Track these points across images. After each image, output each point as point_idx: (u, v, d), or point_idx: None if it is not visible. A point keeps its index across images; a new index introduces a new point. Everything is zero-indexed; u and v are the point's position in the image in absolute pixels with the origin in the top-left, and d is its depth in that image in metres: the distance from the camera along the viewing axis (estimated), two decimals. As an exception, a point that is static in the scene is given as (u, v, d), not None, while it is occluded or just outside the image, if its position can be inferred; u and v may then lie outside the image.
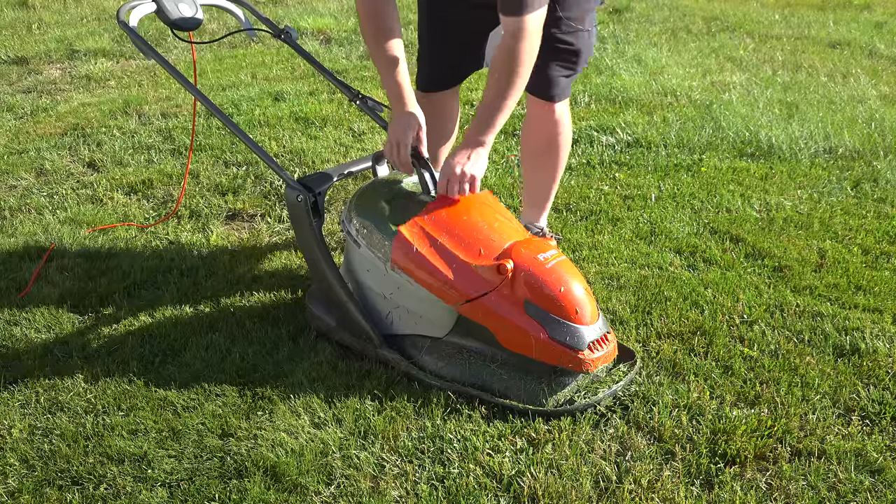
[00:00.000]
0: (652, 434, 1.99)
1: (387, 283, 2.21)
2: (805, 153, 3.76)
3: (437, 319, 2.17)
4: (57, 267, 2.83)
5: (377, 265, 2.20)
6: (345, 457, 1.93)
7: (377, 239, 2.19)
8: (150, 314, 2.54)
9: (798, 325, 2.42)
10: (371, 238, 2.21)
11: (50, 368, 2.30)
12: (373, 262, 2.21)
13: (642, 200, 3.30)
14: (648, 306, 2.52)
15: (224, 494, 1.84)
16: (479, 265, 2.07)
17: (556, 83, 2.58)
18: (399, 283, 2.17)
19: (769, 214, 3.17)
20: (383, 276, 2.20)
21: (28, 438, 2.03)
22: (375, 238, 2.20)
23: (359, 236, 2.23)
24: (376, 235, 2.20)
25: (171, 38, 5.76)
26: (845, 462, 1.90)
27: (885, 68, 5.39)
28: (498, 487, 1.84)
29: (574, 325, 2.06)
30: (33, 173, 3.67)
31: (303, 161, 3.69)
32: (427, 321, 2.19)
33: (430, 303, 2.14)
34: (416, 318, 2.21)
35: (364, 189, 2.35)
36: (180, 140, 3.97)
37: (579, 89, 4.65)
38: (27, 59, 5.59)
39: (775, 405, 2.08)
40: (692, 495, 1.82)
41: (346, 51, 5.70)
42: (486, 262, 2.08)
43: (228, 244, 3.01)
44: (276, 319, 2.50)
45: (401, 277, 2.15)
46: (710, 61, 5.46)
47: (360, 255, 2.24)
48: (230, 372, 2.26)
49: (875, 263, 2.81)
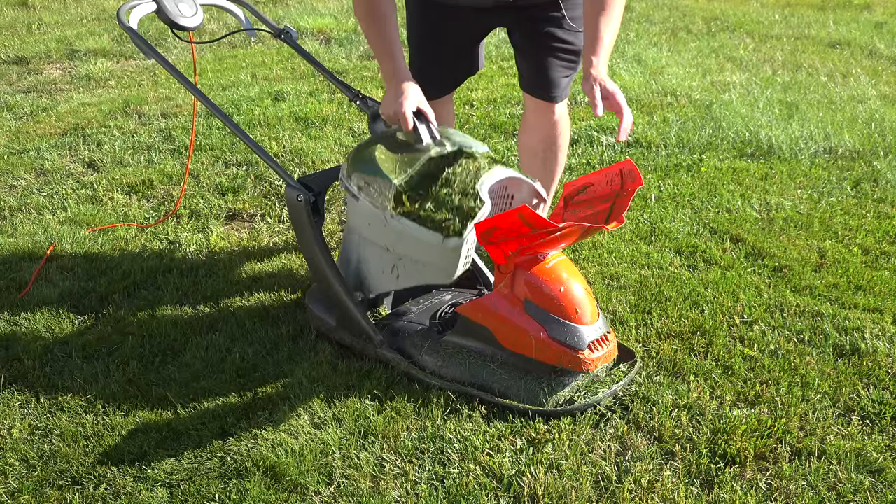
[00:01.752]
0: (652, 434, 1.99)
1: (388, 235, 2.15)
2: (805, 153, 3.76)
3: (440, 262, 2.11)
4: (57, 267, 2.83)
5: (377, 216, 2.13)
6: (345, 457, 1.93)
7: (375, 189, 2.12)
8: (150, 314, 2.54)
9: (798, 325, 2.42)
10: (369, 189, 2.14)
11: (50, 368, 2.30)
12: (372, 214, 2.15)
13: (642, 200, 3.30)
14: (648, 306, 2.52)
15: (224, 494, 1.84)
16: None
17: (557, 84, 2.58)
18: (400, 231, 2.11)
19: (769, 214, 3.17)
20: (383, 227, 2.13)
21: (28, 438, 2.03)
22: (374, 188, 2.13)
23: (358, 190, 2.17)
24: (374, 186, 2.13)
25: (171, 38, 5.76)
26: (845, 462, 1.90)
27: (885, 68, 5.39)
28: (498, 487, 1.84)
29: (574, 325, 2.06)
30: (33, 173, 3.67)
31: (303, 161, 3.69)
32: (432, 267, 2.14)
33: (430, 246, 2.07)
34: (421, 266, 2.16)
35: (361, 144, 2.30)
36: (180, 140, 3.97)
37: (579, 89, 4.65)
38: (27, 59, 5.59)
39: (775, 405, 2.08)
40: (692, 495, 1.82)
41: (346, 51, 5.70)
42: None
43: (228, 244, 3.01)
44: (276, 319, 2.50)
45: (400, 224, 2.09)
46: (710, 61, 5.46)
47: (360, 208, 2.18)
48: (230, 372, 2.26)
49: (875, 263, 2.81)
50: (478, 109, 4.40)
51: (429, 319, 2.30)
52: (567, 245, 2.18)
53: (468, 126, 4.13)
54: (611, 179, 2.14)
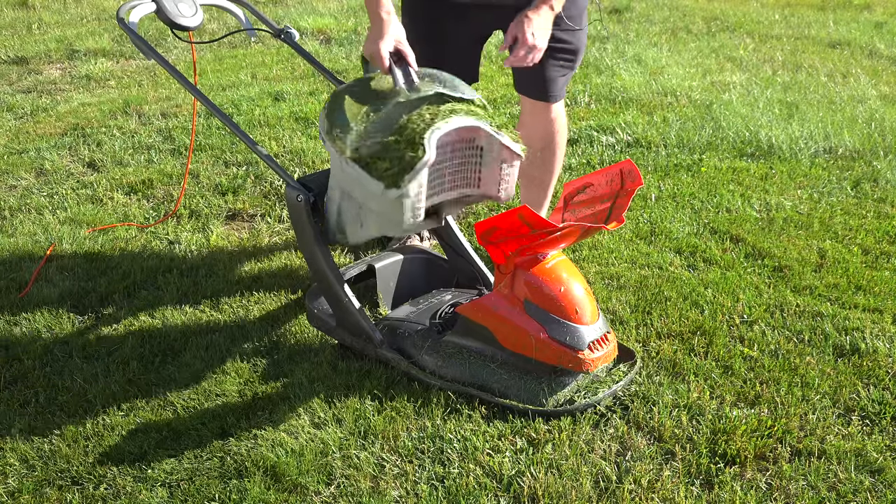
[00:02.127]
0: (652, 434, 1.99)
1: (347, 180, 2.08)
2: (805, 153, 3.76)
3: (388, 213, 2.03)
4: (57, 267, 2.83)
5: (337, 161, 2.07)
6: (345, 457, 1.93)
7: (337, 133, 2.04)
8: (150, 314, 2.54)
9: (798, 325, 2.42)
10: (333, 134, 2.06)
11: (50, 368, 2.30)
12: (335, 158, 2.08)
13: (642, 200, 3.30)
14: (648, 306, 2.52)
15: (224, 494, 1.84)
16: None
17: (554, 83, 2.57)
18: (353, 177, 2.04)
19: (769, 214, 3.17)
20: (342, 172, 2.07)
21: (28, 438, 2.03)
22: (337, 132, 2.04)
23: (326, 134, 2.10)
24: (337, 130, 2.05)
25: (171, 38, 5.76)
26: (845, 462, 1.90)
27: (885, 68, 5.39)
28: (498, 487, 1.84)
29: (574, 325, 2.06)
30: (33, 173, 3.67)
31: (303, 161, 3.69)
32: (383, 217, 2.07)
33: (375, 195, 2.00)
34: (374, 215, 2.09)
35: (339, 88, 2.22)
36: (180, 140, 3.97)
37: (579, 89, 4.65)
38: (27, 59, 5.59)
39: (775, 405, 2.08)
40: (692, 495, 1.82)
41: (346, 51, 5.69)
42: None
43: (228, 244, 3.01)
44: (276, 319, 2.50)
45: (353, 170, 2.02)
46: (710, 61, 5.46)
47: (331, 153, 2.12)
48: (230, 372, 2.26)
49: (875, 263, 2.81)
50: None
51: (429, 319, 2.30)
52: (567, 245, 2.18)
53: None
54: (611, 179, 2.14)
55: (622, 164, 2.12)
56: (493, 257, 2.11)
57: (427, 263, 2.62)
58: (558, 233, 1.95)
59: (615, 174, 2.13)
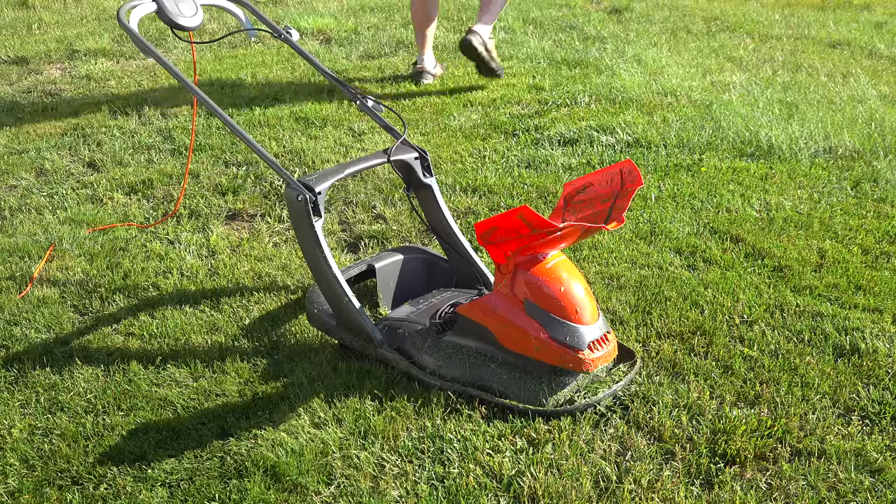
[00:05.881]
0: (652, 434, 1.99)
1: None
2: (805, 153, 3.76)
3: None
4: (57, 267, 2.83)
5: None
6: (345, 457, 1.93)
7: None
8: (150, 314, 2.55)
9: (798, 325, 2.42)
10: None
11: (50, 368, 2.30)
12: None
13: (642, 200, 3.30)
14: (648, 306, 2.52)
15: (224, 494, 1.84)
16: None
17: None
18: None
19: (769, 214, 3.17)
20: None
21: (28, 438, 2.03)
22: None
23: None
24: None
25: (171, 38, 5.76)
26: (845, 462, 1.90)
27: (885, 68, 5.39)
28: (498, 487, 1.84)
29: (574, 325, 2.06)
30: (33, 173, 3.67)
31: (303, 161, 3.69)
32: None
33: None
34: None
35: None
36: (180, 140, 3.97)
37: (579, 89, 4.65)
38: (27, 59, 5.59)
39: (775, 405, 2.08)
40: (692, 495, 1.82)
41: (346, 51, 5.69)
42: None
43: (228, 244, 3.01)
44: (276, 319, 2.50)
45: None
46: (710, 61, 5.45)
47: None
48: (230, 372, 2.26)
49: (875, 263, 2.81)
50: (478, 109, 4.40)
51: (429, 319, 2.30)
52: (567, 245, 2.18)
53: (468, 126, 4.13)
54: (611, 179, 2.14)
55: (622, 164, 2.12)
56: (493, 257, 2.11)
57: (427, 263, 2.62)
58: (558, 233, 1.95)
59: (615, 174, 2.13)
